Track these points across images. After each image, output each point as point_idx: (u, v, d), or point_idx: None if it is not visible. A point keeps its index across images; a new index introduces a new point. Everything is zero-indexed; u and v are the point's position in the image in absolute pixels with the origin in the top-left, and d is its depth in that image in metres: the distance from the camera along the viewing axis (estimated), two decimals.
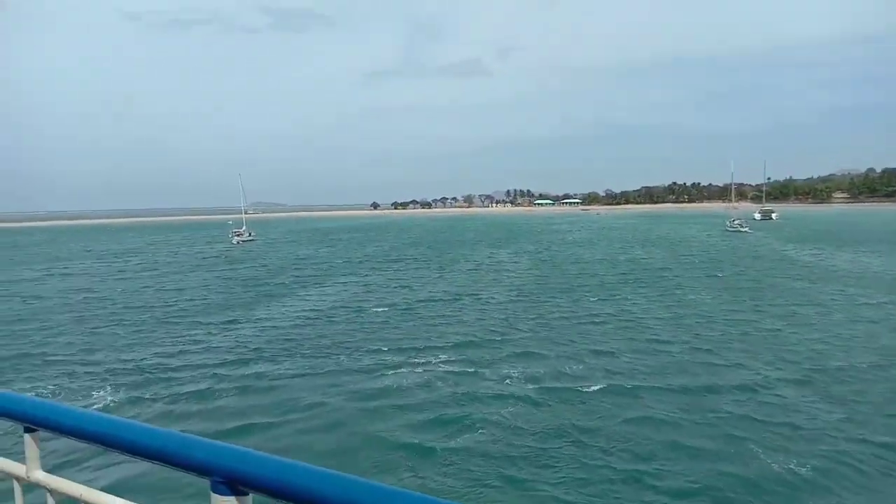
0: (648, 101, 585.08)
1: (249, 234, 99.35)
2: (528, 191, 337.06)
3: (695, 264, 49.54)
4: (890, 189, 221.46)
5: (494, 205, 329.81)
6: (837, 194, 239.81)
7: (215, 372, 20.16)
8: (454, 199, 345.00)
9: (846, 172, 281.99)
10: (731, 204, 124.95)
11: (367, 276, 46.63)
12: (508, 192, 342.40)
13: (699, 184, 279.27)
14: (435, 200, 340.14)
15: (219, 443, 1.23)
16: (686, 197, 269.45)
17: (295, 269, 53.76)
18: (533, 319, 27.83)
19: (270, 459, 1.14)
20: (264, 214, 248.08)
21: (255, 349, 23.34)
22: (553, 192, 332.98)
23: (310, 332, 26.43)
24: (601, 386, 17.71)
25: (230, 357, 22.26)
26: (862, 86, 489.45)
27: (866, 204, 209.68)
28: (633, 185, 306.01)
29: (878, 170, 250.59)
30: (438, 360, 20.96)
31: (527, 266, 51.35)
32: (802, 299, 31.33)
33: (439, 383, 18.40)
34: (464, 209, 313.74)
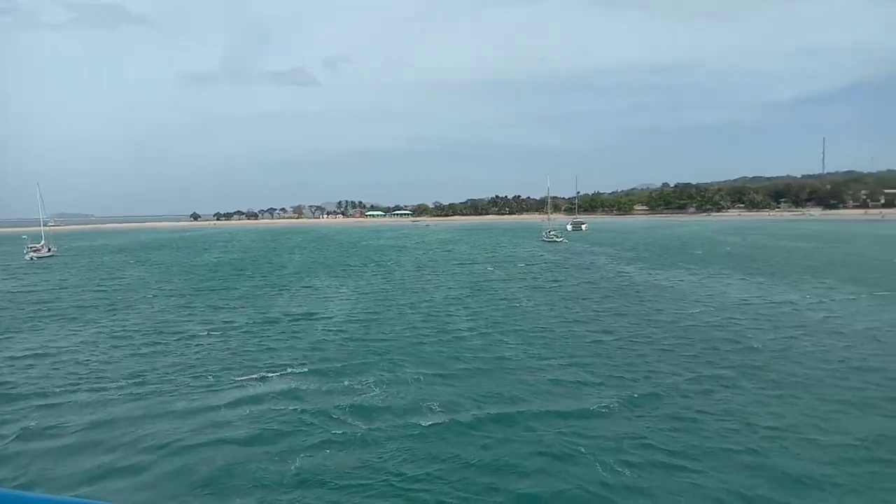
0: (475, 118, 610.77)
1: (49, 250, 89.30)
2: (360, 202, 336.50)
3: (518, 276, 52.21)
4: (681, 202, 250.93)
5: (325, 216, 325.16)
6: (638, 207, 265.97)
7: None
8: (283, 209, 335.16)
9: (645, 187, 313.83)
10: (547, 216, 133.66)
11: (170, 299, 43.55)
12: (340, 203, 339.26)
13: (520, 196, 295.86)
14: (262, 211, 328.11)
15: None
16: (507, 209, 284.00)
17: (85, 291, 48.88)
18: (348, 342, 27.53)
19: (28, 497, 0.94)
20: (68, 227, 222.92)
21: (38, 382, 20.78)
22: (384, 204, 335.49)
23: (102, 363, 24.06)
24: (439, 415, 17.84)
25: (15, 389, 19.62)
26: (659, 110, 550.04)
27: (661, 215, 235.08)
28: (460, 198, 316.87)
29: (672, 185, 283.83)
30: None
31: (355, 288, 50.93)
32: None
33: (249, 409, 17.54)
34: (293, 220, 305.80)
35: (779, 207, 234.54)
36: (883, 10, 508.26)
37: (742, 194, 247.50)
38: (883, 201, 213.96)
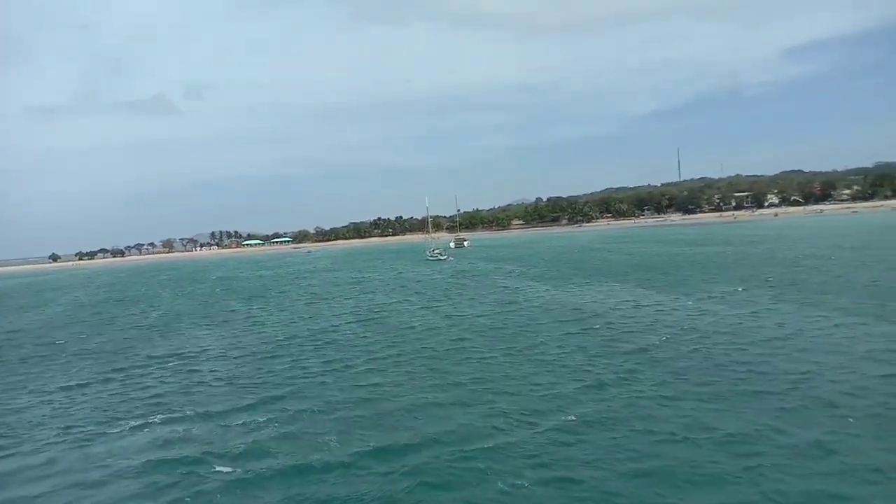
0: (351, 141, 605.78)
1: None
2: (236, 232, 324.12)
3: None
4: (554, 215, 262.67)
5: (199, 248, 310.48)
6: (515, 221, 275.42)
7: None
8: (151, 244, 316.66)
9: (521, 202, 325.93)
10: (429, 235, 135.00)
11: (35, 348, 39.21)
12: (213, 234, 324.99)
13: (402, 217, 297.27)
14: (129, 247, 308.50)
15: None
16: (391, 230, 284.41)
17: None
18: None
19: None
20: None
21: None
22: (263, 232, 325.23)
23: None
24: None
25: None
26: (527, 127, 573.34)
27: (537, 228, 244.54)
28: (341, 221, 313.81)
29: (545, 199, 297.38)
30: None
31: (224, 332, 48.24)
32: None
33: None
34: (163, 255, 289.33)
35: (643, 215, 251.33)
36: (713, 31, 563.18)
37: (609, 204, 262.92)
38: (734, 204, 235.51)
